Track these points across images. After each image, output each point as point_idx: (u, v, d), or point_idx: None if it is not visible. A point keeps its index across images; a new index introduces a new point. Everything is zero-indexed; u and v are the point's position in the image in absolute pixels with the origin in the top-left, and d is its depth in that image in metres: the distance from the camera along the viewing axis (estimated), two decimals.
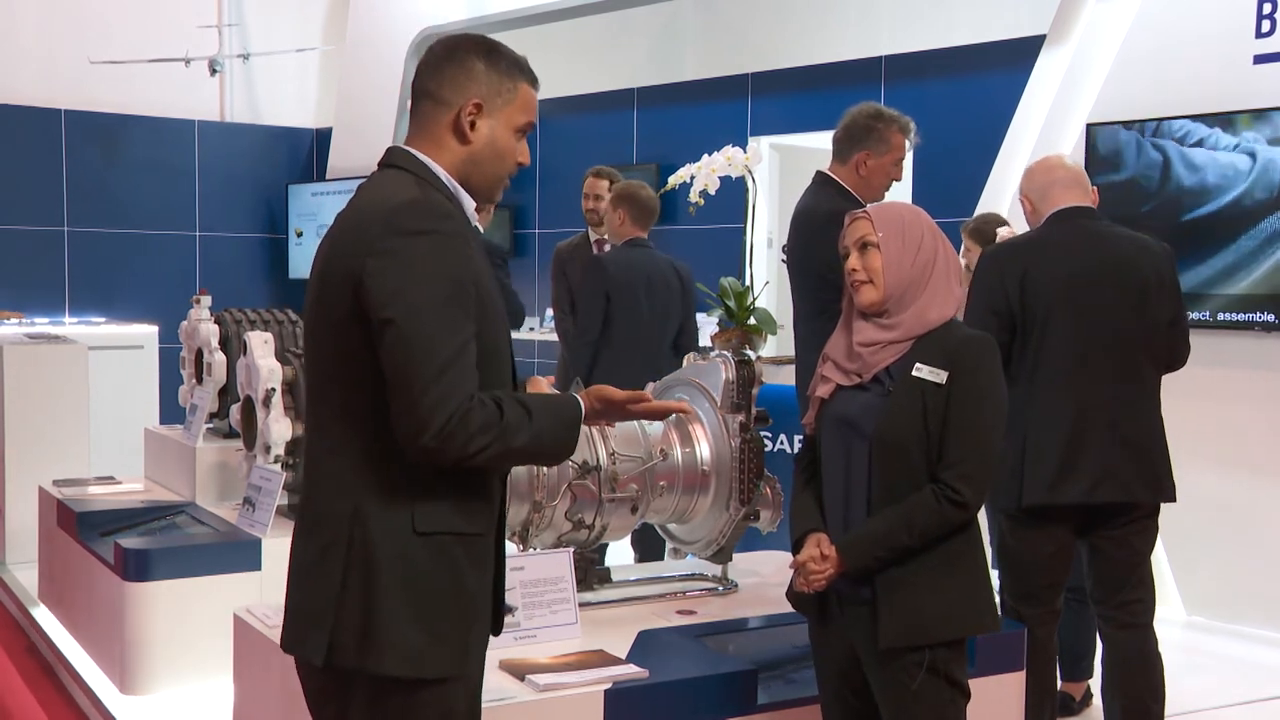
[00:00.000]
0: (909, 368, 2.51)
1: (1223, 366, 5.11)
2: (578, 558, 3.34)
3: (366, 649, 1.99)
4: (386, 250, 1.96)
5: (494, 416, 1.96)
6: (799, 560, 2.56)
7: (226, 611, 3.45)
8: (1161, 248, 3.52)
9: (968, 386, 2.48)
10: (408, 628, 1.99)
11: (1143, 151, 5.38)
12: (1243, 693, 4.49)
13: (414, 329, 1.93)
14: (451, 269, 1.98)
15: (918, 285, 2.54)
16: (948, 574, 2.51)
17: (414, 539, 2.00)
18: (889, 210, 2.63)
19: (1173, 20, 5.40)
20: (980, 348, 2.53)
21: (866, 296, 2.56)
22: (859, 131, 3.97)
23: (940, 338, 2.53)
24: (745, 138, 7.34)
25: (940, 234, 2.62)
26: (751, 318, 5.40)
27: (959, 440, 2.47)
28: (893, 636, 2.47)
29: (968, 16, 7.18)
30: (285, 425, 4.23)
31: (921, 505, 2.47)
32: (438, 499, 2.02)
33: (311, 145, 10.28)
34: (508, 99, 2.12)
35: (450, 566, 2.03)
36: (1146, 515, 3.44)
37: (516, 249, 9.00)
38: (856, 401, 2.56)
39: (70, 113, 9.17)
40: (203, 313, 5.31)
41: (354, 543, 2.01)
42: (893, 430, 2.48)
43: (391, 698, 2.02)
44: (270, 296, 9.51)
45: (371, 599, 1.99)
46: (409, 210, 1.99)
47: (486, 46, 2.14)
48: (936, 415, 2.47)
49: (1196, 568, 5.29)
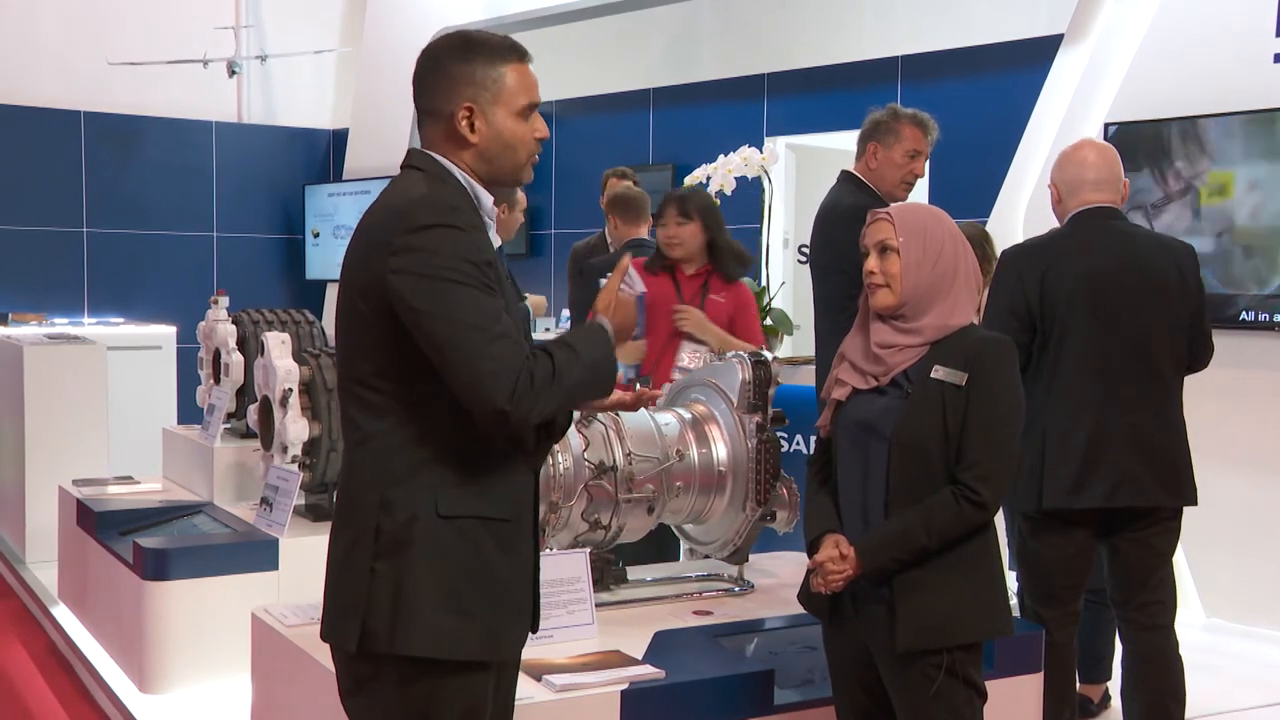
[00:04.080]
0: (927, 370, 2.51)
1: (1242, 367, 5.08)
2: (594, 558, 3.34)
3: (396, 632, 2.04)
4: (404, 247, 2.02)
5: (548, 366, 2.03)
6: (817, 560, 2.56)
7: (244, 611, 3.46)
8: (1184, 247, 3.50)
9: (987, 388, 2.48)
10: (437, 610, 2.04)
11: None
12: (1262, 695, 4.46)
13: (450, 311, 1.99)
14: (468, 253, 2.03)
15: (936, 291, 2.54)
16: (965, 576, 2.51)
17: (438, 522, 2.06)
18: (912, 214, 2.61)
19: (1192, 18, 5.37)
20: (998, 349, 2.54)
21: (882, 300, 2.56)
22: (870, 125, 4.12)
23: (958, 340, 2.53)
24: (761, 138, 7.33)
25: (961, 238, 2.61)
26: (768, 318, 5.41)
27: (978, 441, 2.47)
28: (910, 640, 2.47)
29: (985, 16, 7.15)
30: (302, 425, 4.25)
31: (940, 506, 2.47)
32: (460, 485, 2.07)
33: (328, 146, 10.31)
34: (497, 89, 2.13)
35: (477, 550, 2.08)
36: (1168, 517, 3.42)
37: (532, 249, 9.01)
38: (875, 405, 2.55)
39: (89, 114, 9.21)
40: (220, 313, 5.33)
41: (381, 531, 2.07)
42: (912, 432, 2.48)
43: (420, 681, 2.06)
44: (287, 297, 9.54)
45: (400, 583, 2.05)
46: (418, 206, 2.05)
47: (462, 43, 2.15)
48: (956, 417, 2.47)
49: (1215, 570, 5.26)
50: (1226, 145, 5.19)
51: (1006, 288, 3.41)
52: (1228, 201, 5.21)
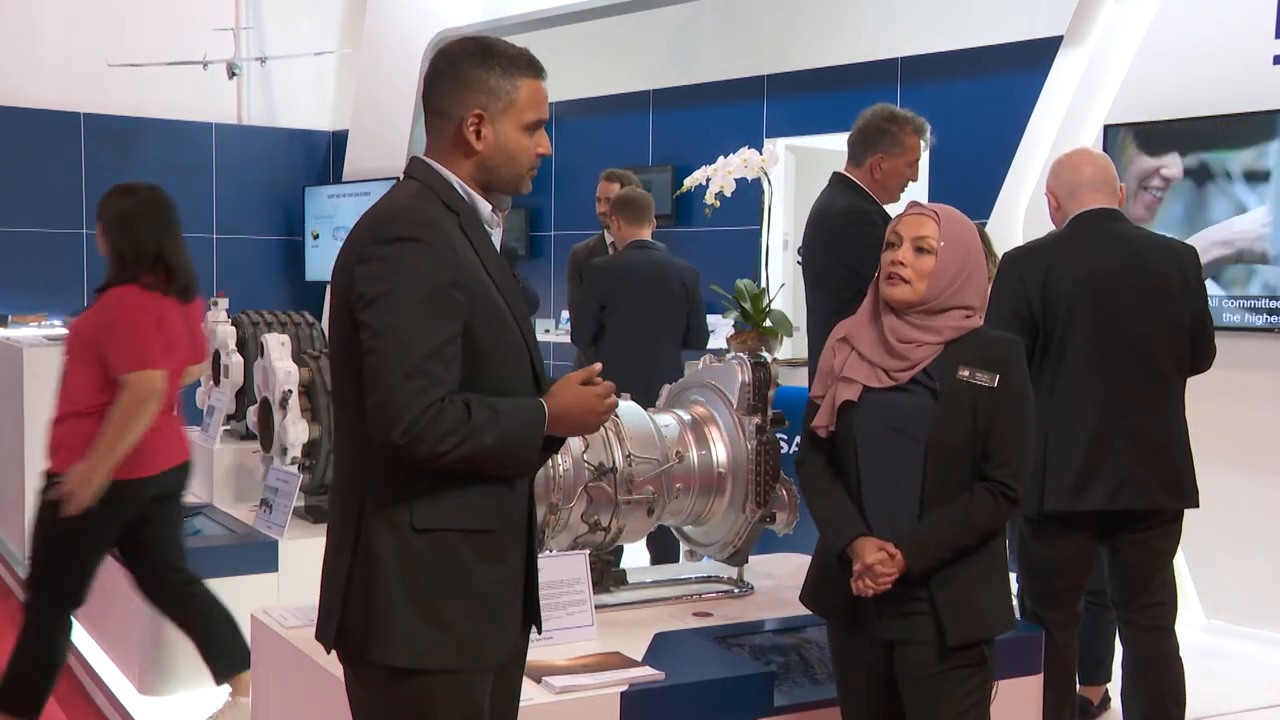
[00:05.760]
0: (949, 369, 2.53)
1: (1242, 368, 5.08)
2: (594, 560, 3.34)
3: (369, 639, 2.07)
4: (368, 257, 2.04)
5: (462, 417, 2.00)
6: (866, 564, 2.52)
7: (244, 612, 3.47)
8: (1186, 248, 3.50)
9: (1011, 386, 2.54)
10: (410, 620, 2.05)
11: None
12: (1262, 696, 4.46)
13: (387, 330, 1.99)
14: (429, 273, 2.02)
15: (959, 294, 2.57)
16: (995, 570, 2.59)
17: (413, 535, 2.06)
18: (957, 223, 2.61)
19: (1191, 21, 5.37)
20: (1015, 348, 2.61)
21: (900, 293, 2.55)
22: (873, 135, 3.96)
23: (972, 340, 2.57)
24: (761, 139, 7.33)
25: (978, 241, 2.66)
26: (767, 320, 5.40)
27: (1008, 439, 2.53)
28: (962, 633, 2.51)
29: (985, 17, 7.15)
30: (302, 427, 4.25)
31: (980, 503, 2.52)
32: (436, 496, 2.07)
33: (328, 148, 10.31)
34: (509, 101, 2.13)
35: (454, 562, 2.08)
36: (1169, 519, 3.42)
37: (532, 251, 9.01)
38: (902, 405, 2.54)
39: (89, 116, 9.22)
40: (220, 314, 5.34)
41: (359, 540, 2.09)
42: (948, 433, 2.50)
43: (405, 686, 2.08)
44: (287, 298, 9.54)
45: (372, 593, 2.06)
46: (391, 218, 2.07)
47: (481, 50, 2.14)
48: (986, 416, 2.51)
49: (1215, 571, 5.26)
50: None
51: (1009, 289, 3.41)
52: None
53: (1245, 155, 5.13)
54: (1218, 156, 5.21)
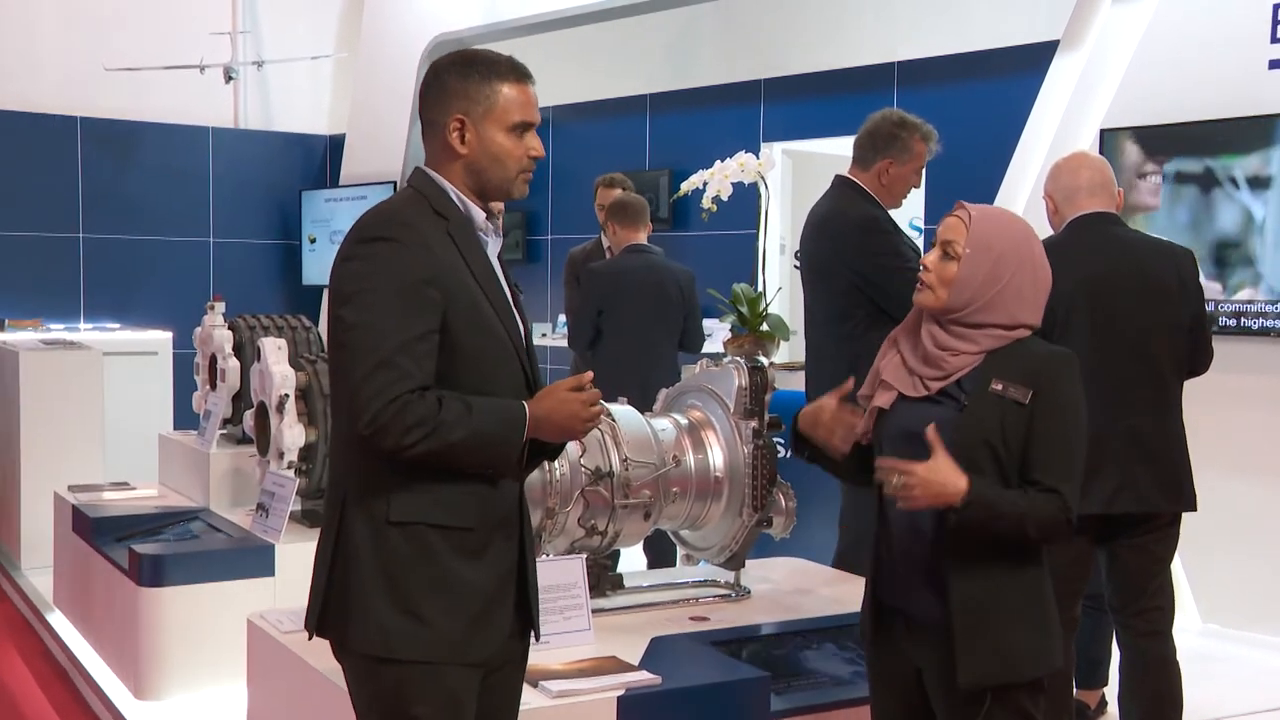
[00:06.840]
0: (984, 381, 2.35)
1: (1240, 372, 5.08)
2: (590, 564, 3.33)
3: (348, 627, 2.13)
4: (349, 256, 2.15)
5: (431, 412, 2.06)
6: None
7: (240, 617, 3.46)
8: (1183, 251, 3.50)
9: (1046, 402, 2.32)
10: (384, 610, 2.11)
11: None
12: (1259, 700, 4.45)
13: (358, 324, 2.08)
14: (402, 270, 2.10)
15: (992, 305, 2.36)
16: (1024, 613, 2.35)
17: (387, 527, 2.12)
18: (991, 228, 2.40)
19: (1187, 26, 5.38)
20: (1061, 363, 2.37)
21: (925, 299, 2.41)
22: (883, 139, 3.93)
23: (1019, 353, 2.37)
24: (758, 144, 7.32)
25: (1030, 245, 2.42)
26: (764, 324, 5.40)
27: (1050, 455, 2.31)
28: (973, 678, 2.30)
29: (981, 21, 7.16)
30: (299, 431, 4.24)
31: (1045, 503, 2.29)
32: (413, 491, 2.12)
33: (325, 152, 10.31)
34: (489, 105, 2.21)
35: (429, 555, 2.13)
36: (1167, 523, 3.42)
37: (529, 255, 9.01)
38: (925, 417, 2.36)
39: (85, 120, 9.21)
40: (217, 319, 5.33)
41: (340, 529, 2.16)
42: (966, 446, 2.30)
43: (383, 675, 2.13)
44: (284, 302, 9.52)
45: (348, 582, 2.13)
46: (372, 221, 2.18)
47: (463, 59, 2.25)
48: (1015, 433, 2.31)
49: (1212, 575, 5.26)
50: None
51: None
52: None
53: (1243, 159, 5.14)
54: (1218, 162, 5.22)
